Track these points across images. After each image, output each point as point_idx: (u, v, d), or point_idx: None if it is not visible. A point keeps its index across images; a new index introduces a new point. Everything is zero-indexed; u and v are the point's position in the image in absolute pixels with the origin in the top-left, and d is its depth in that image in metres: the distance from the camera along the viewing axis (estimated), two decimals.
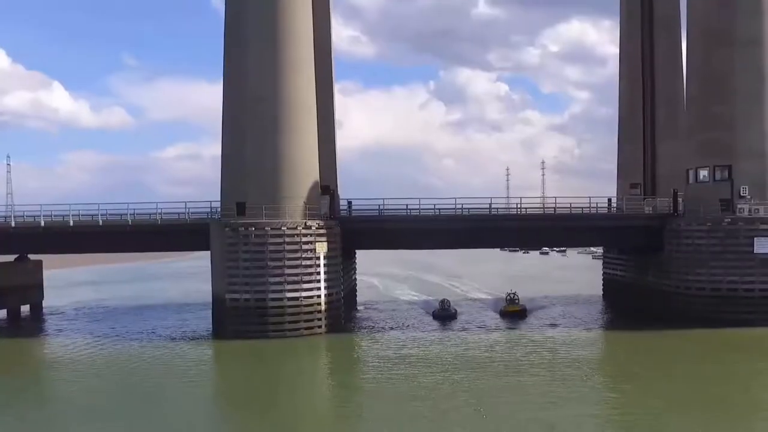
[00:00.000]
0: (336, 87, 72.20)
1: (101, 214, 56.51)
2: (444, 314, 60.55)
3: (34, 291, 66.04)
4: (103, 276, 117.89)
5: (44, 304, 68.54)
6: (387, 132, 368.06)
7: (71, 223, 55.99)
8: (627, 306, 64.27)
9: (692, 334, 48.97)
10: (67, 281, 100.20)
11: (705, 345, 46.58)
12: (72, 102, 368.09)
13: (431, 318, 60.75)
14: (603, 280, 74.08)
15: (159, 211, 56.58)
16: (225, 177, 54.59)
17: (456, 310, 62.02)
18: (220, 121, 55.45)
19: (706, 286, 52.46)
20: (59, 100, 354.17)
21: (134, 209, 57.01)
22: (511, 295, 64.63)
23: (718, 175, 54.40)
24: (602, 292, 73.79)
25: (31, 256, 64.15)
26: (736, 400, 33.14)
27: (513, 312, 61.34)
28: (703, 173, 55.37)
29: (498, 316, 61.39)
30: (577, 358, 44.07)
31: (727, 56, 53.77)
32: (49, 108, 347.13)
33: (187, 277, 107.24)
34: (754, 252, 51.16)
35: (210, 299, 54.54)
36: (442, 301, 63.43)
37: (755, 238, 51.32)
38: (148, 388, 38.01)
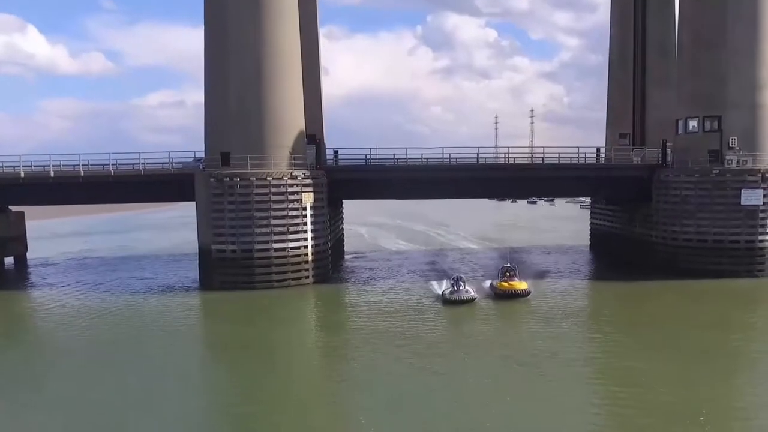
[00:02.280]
0: (321, 31, 70.60)
1: (83, 165, 55.48)
2: (456, 297, 44.09)
3: (17, 243, 65.30)
4: (87, 227, 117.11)
5: (29, 256, 67.95)
6: (374, 79, 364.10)
7: (52, 174, 54.94)
8: (614, 256, 64.64)
9: (677, 284, 49.40)
10: (50, 232, 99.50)
11: (689, 295, 46.94)
12: (49, 47, 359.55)
13: (440, 303, 44.83)
14: (590, 230, 74.35)
15: (142, 161, 55.65)
16: (208, 126, 53.50)
17: (472, 291, 44.91)
18: (203, 68, 54.01)
19: (692, 237, 52.75)
20: (35, 44, 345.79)
21: (116, 159, 56.01)
22: (507, 268, 48.64)
23: (707, 126, 54.02)
24: (589, 243, 74.16)
25: (12, 208, 63.16)
26: (717, 348, 33.51)
27: (509, 291, 45.69)
28: (693, 124, 54.97)
29: (490, 291, 47.37)
30: (560, 305, 44.43)
31: (720, 6, 52.73)
32: (25, 53, 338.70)
33: (172, 227, 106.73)
34: (741, 204, 51.26)
35: (196, 250, 54.22)
36: (455, 280, 46.25)
37: (742, 190, 51.35)
38: (136, 338, 38.13)
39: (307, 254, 52.30)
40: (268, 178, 50.51)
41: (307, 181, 52.35)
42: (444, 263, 65.21)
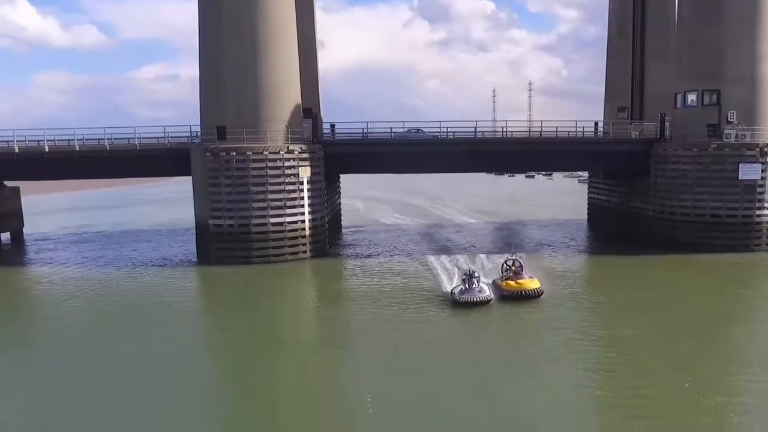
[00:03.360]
0: (317, 4, 69.73)
1: (77, 140, 55.07)
2: (468, 298, 35.96)
3: (13, 218, 64.98)
4: (83, 202, 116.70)
5: (25, 231, 67.72)
6: (370, 52, 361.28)
7: (46, 149, 54.57)
8: (611, 230, 64.67)
9: (673, 258, 49.50)
10: (46, 208, 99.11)
11: (684, 269, 47.10)
12: (40, 19, 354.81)
13: (450, 302, 37.08)
14: (588, 204, 74.32)
15: (137, 135, 55.27)
16: (204, 100, 53.05)
17: (487, 290, 37.16)
18: (197, 41, 53.38)
19: (690, 211, 52.75)
20: (26, 16, 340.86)
21: (111, 134, 55.65)
22: (513, 261, 40.32)
23: (706, 100, 53.69)
24: (587, 217, 74.17)
25: (7, 183, 62.79)
26: (710, 323, 33.71)
27: (517, 292, 37.20)
28: (692, 97, 54.66)
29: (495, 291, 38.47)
30: (555, 274, 44.76)
31: None
32: (17, 25, 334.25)
33: (169, 202, 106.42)
34: (739, 178, 51.18)
35: (193, 225, 54.12)
36: (468, 276, 37.79)
37: (740, 164, 51.23)
38: (134, 311, 38.31)
39: (304, 228, 52.26)
40: (264, 153, 50.26)
41: (304, 156, 52.11)
42: (441, 236, 65.46)
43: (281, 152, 50.80)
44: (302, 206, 52.01)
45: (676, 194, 53.63)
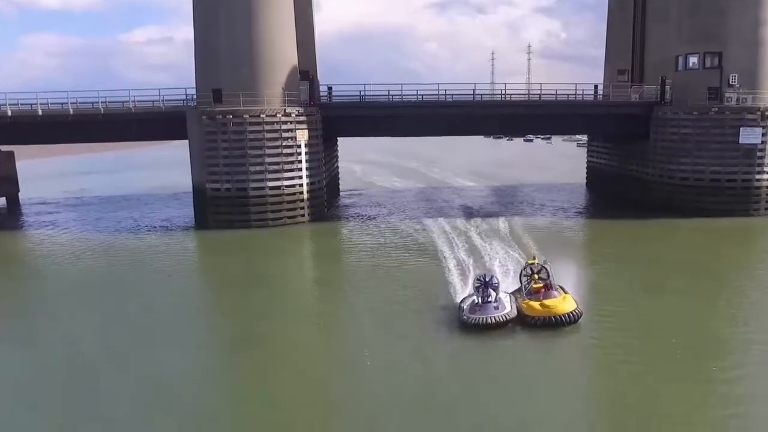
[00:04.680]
0: None
1: (71, 103, 54.36)
2: (479, 319, 26.24)
3: (8, 183, 64.56)
4: (78, 167, 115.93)
5: (21, 196, 67.33)
6: (367, 14, 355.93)
7: (40, 113, 53.86)
8: (609, 194, 64.58)
9: (671, 223, 49.53)
10: (42, 173, 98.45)
11: (682, 233, 47.18)
12: None
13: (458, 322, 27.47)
14: (587, 168, 74.10)
15: (132, 98, 54.59)
16: (199, 63, 52.25)
17: (507, 304, 27.32)
18: (191, 2, 52.40)
19: (689, 176, 52.57)
20: None
21: (105, 97, 54.91)
22: (536, 267, 29.89)
23: (707, 63, 53.06)
24: (585, 181, 74.00)
25: (1, 148, 62.15)
26: (705, 283, 33.84)
27: (545, 318, 26.37)
28: (693, 60, 54.00)
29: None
30: (552, 238, 44.86)
31: None
32: None
33: (166, 166, 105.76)
34: (739, 142, 50.87)
35: (190, 189, 53.84)
36: (482, 284, 27.98)
37: (741, 128, 50.86)
38: (133, 276, 38.40)
39: (302, 192, 52.08)
40: (261, 116, 49.77)
41: (301, 119, 51.64)
42: (439, 199, 65.49)
43: (278, 115, 50.32)
44: (300, 170, 51.72)
45: (675, 158, 53.37)
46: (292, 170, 51.26)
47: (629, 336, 26.04)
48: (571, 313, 26.40)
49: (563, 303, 26.93)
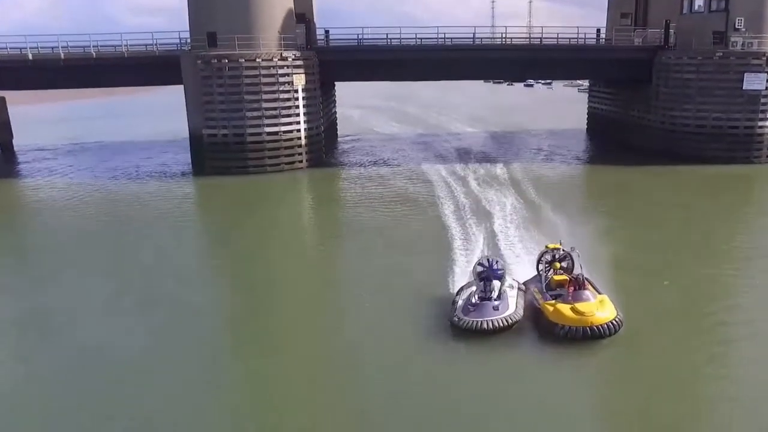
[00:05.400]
0: None
1: (62, 47, 53.16)
2: (477, 321, 21.12)
3: (1, 130, 63.61)
4: (72, 113, 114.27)
5: (15, 143, 66.50)
6: None
7: (30, 57, 52.71)
8: (610, 141, 64.04)
9: (671, 170, 49.23)
10: (35, 119, 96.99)
11: (681, 180, 46.94)
12: None
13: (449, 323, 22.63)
14: (587, 113, 73.30)
15: (125, 43, 53.42)
16: (192, 5, 50.82)
17: (512, 304, 22.02)
18: None
19: (691, 122, 51.99)
20: None
21: (97, 41, 53.71)
22: (557, 256, 24.36)
23: (713, 5, 51.89)
24: (586, 127, 73.30)
25: None
26: (699, 233, 33.79)
27: (576, 328, 20.64)
28: (698, 3, 52.80)
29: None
30: (551, 183, 44.72)
31: None
32: None
33: (161, 113, 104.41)
34: (743, 88, 50.07)
35: (187, 135, 53.25)
36: (483, 272, 23.00)
37: (745, 74, 49.98)
38: (132, 222, 38.33)
39: (300, 138, 51.60)
40: (257, 60, 48.85)
41: (298, 63, 50.71)
42: (438, 145, 65.04)
43: (274, 59, 49.39)
44: (297, 115, 51.14)
45: (678, 104, 52.71)
46: (289, 116, 50.65)
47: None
48: (612, 322, 20.69)
49: (601, 308, 21.04)
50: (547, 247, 24.91)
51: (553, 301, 21.68)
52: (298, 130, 51.40)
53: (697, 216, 37.34)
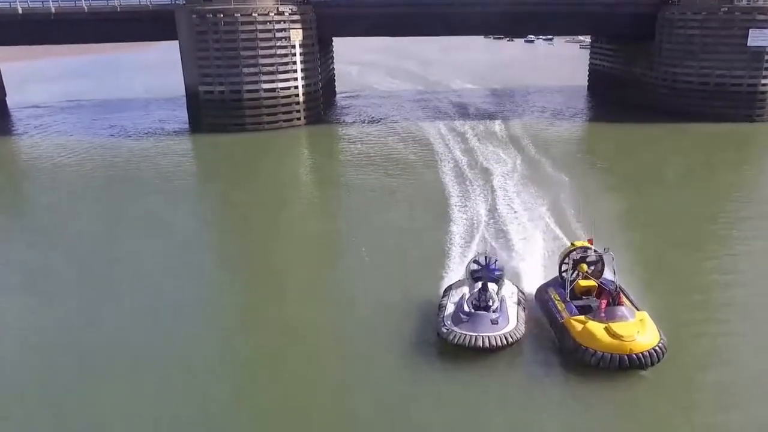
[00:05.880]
0: None
1: (53, 1, 51.95)
2: (468, 335, 17.58)
3: None
4: (65, 69, 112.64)
5: (8, 101, 65.52)
6: None
7: (20, 11, 51.53)
8: (611, 98, 63.22)
9: (672, 127, 48.71)
10: (27, 76, 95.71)
11: (682, 138, 46.51)
12: None
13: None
14: (589, 70, 72.23)
15: None
16: None
17: (513, 318, 18.31)
18: None
19: (694, 79, 51.29)
20: None
21: None
22: (586, 254, 19.99)
23: None
24: (587, 83, 72.36)
25: None
26: (698, 183, 33.75)
27: (613, 355, 16.65)
28: None
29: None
30: (551, 140, 44.44)
31: None
32: None
33: (156, 69, 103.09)
34: (748, 44, 49.20)
35: (183, 92, 52.56)
36: (481, 268, 19.96)
37: (750, 30, 49.07)
38: (130, 179, 38.29)
39: (297, 95, 50.98)
40: (253, 14, 47.89)
41: (295, 17, 49.73)
42: (437, 101, 64.37)
43: (271, 14, 48.40)
44: (295, 71, 50.40)
45: (680, 60, 51.91)
46: (286, 72, 49.95)
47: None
48: (656, 348, 16.77)
49: (642, 330, 17.03)
50: (573, 244, 20.51)
51: (582, 317, 17.60)
52: (296, 87, 50.72)
53: (697, 174, 37.08)
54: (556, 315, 18.52)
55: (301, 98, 51.13)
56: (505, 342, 17.48)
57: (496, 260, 20.25)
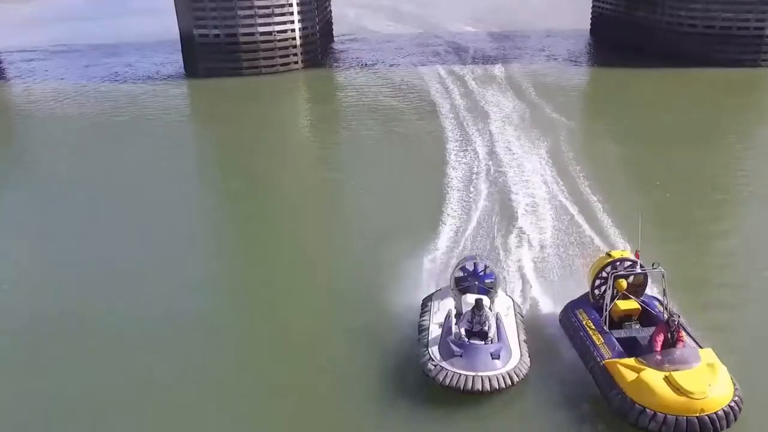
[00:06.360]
0: None
1: None
2: (466, 374, 14.01)
3: None
4: (53, 12, 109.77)
5: None
6: None
7: None
8: (614, 42, 61.92)
9: (675, 72, 47.94)
10: (14, 18, 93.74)
11: (685, 83, 45.86)
12: None
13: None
14: (591, 13, 70.74)
15: None
16: None
17: (515, 358, 14.49)
18: None
19: (698, 23, 50.19)
20: None
21: None
22: (624, 266, 15.59)
23: None
24: (590, 27, 70.98)
25: None
26: (703, 132, 33.38)
27: (682, 414, 12.58)
28: None
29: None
30: (551, 85, 43.93)
31: None
32: None
33: (149, 12, 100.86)
34: None
35: (177, 37, 51.54)
36: (468, 275, 16.88)
37: None
38: (126, 123, 38.08)
39: (294, 38, 50.08)
40: None
41: None
42: (435, 45, 63.31)
43: None
44: (291, 14, 49.41)
45: (685, 3, 50.72)
46: (283, 14, 48.95)
47: None
48: (732, 405, 12.93)
49: (713, 378, 13.07)
50: (609, 254, 16.14)
51: (632, 361, 13.36)
52: (293, 30, 49.77)
53: (696, 120, 36.67)
54: (593, 351, 14.22)
55: (298, 41, 50.24)
56: (510, 383, 14.07)
57: (486, 266, 16.92)
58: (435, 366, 14.16)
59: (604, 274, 15.65)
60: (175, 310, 17.88)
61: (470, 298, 15.69)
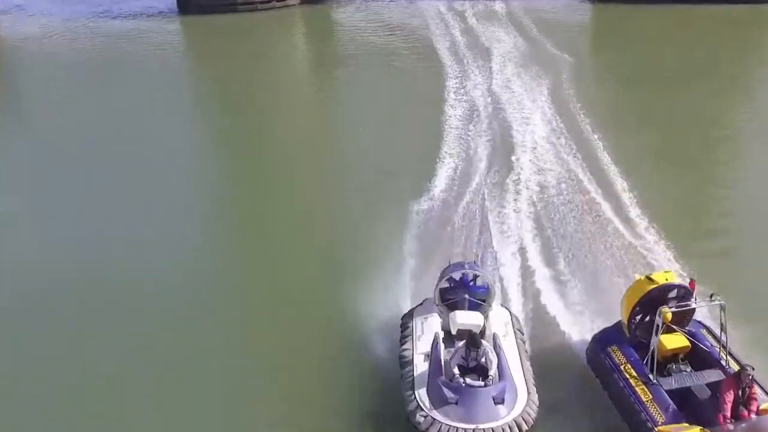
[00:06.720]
0: None
1: None
2: (463, 427, 10.95)
3: None
4: None
5: None
6: None
7: None
8: None
9: (679, 8, 46.30)
10: None
11: (688, 19, 44.50)
12: None
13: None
14: None
15: None
16: None
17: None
18: None
19: None
20: None
21: None
22: (675, 293, 11.87)
23: None
24: None
25: None
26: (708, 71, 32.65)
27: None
28: None
29: None
30: (552, 21, 42.92)
31: None
32: None
33: None
34: None
35: None
36: (457, 286, 13.65)
37: None
38: (117, 62, 37.36)
39: None
40: None
41: None
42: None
43: None
44: None
45: None
46: None
47: None
48: None
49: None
50: (650, 279, 12.14)
51: (696, 431, 9.83)
52: None
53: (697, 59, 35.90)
54: (641, 413, 10.64)
55: None
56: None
57: (477, 275, 13.84)
58: (425, 417, 11.22)
59: (643, 304, 11.76)
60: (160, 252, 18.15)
61: (460, 318, 12.73)
